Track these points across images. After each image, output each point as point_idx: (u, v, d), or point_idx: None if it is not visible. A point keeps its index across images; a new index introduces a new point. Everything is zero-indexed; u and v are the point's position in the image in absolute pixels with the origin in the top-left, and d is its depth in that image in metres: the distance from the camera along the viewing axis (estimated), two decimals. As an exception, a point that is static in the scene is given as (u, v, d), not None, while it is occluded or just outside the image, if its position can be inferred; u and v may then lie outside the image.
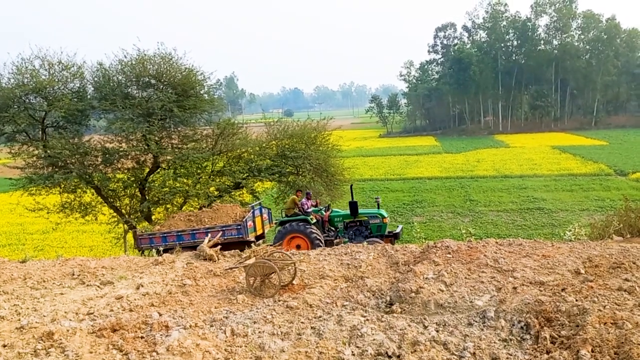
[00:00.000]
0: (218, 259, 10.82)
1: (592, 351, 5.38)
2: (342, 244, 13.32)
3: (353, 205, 15.09)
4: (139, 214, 19.08)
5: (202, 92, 19.98)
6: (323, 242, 14.19)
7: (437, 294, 7.45)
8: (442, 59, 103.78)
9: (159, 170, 19.42)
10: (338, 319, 6.98)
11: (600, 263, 8.15)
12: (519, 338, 6.23)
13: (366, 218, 15.06)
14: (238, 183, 19.34)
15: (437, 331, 6.54)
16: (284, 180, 20.79)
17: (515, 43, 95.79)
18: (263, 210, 16.24)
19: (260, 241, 15.42)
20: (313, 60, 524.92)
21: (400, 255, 10.05)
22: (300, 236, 14.26)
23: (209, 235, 12.81)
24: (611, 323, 5.80)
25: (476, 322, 6.68)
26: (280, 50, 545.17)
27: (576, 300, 6.56)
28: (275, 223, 15.95)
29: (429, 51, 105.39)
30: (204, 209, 17.02)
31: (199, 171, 19.58)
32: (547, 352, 5.72)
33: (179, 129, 19.74)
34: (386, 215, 15.27)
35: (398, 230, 15.66)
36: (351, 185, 16.28)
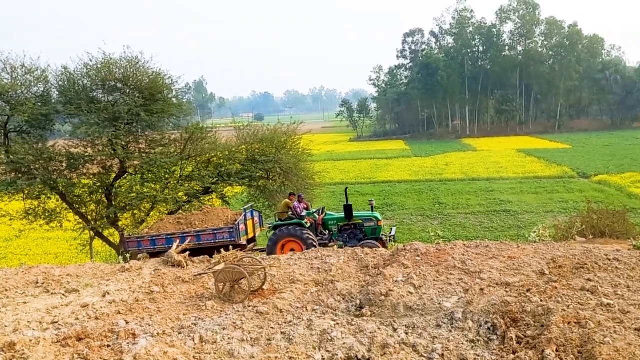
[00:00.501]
0: (187, 265, 10.69)
1: (557, 350, 5.51)
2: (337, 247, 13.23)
3: (348, 209, 14.75)
4: (106, 220, 18.69)
5: (170, 96, 19.72)
6: (317, 245, 13.88)
7: (406, 296, 7.51)
8: (410, 64, 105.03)
9: (126, 175, 19.08)
10: (308, 324, 6.97)
11: (564, 264, 8.37)
12: (486, 339, 6.34)
13: (361, 221, 14.76)
14: (207, 188, 19.15)
15: (407, 333, 6.59)
16: (254, 185, 20.68)
17: (481, 49, 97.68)
18: (254, 213, 16.00)
19: (252, 245, 15.17)
20: (284, 64, 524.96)
21: (370, 258, 10.11)
22: (295, 240, 13.97)
23: (177, 241, 12.63)
24: (575, 323, 5.95)
25: (444, 323, 6.76)
26: (251, 54, 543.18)
27: (541, 301, 6.71)
28: (269, 227, 15.70)
29: (397, 56, 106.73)
30: (193, 212, 16.68)
31: (167, 176, 19.31)
32: (514, 352, 5.83)
33: (146, 133, 19.43)
34: (381, 218, 15.07)
35: (392, 232, 15.49)
36: (346, 189, 16.01)
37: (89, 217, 19.26)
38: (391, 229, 16.11)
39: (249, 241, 15.40)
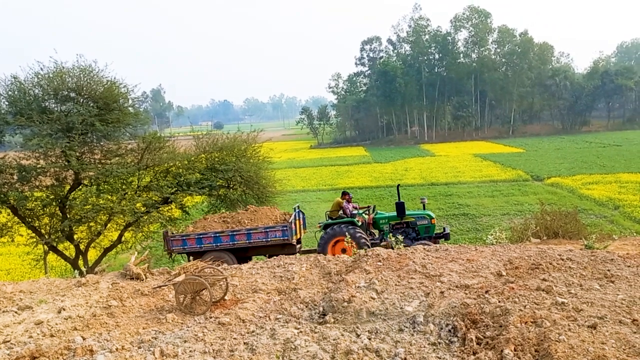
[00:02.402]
0: (146, 278, 10.44)
1: (515, 350, 5.64)
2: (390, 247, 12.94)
3: (400, 206, 14.43)
4: (60, 233, 18.07)
5: (126, 105, 19.29)
6: (370, 245, 13.52)
7: (368, 302, 7.56)
8: (369, 72, 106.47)
9: (80, 187, 18.50)
10: (271, 333, 6.92)
11: (520, 265, 8.60)
12: (447, 341, 6.44)
13: (413, 219, 14.46)
14: (166, 198, 18.79)
15: (370, 339, 6.63)
16: (215, 194, 20.42)
17: (437, 56, 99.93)
18: (301, 214, 15.59)
19: (299, 245, 14.71)
20: (242, 72, 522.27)
21: (332, 265, 10.13)
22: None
23: (136, 253, 12.34)
24: (531, 322, 6.11)
25: (407, 327, 6.83)
26: (209, 62, 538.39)
27: (499, 302, 6.87)
28: (319, 226, 15.32)
29: (356, 64, 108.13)
30: (238, 211, 16.11)
31: (124, 187, 18.83)
32: (474, 353, 5.95)
33: (101, 143, 18.89)
34: (434, 216, 14.69)
35: (446, 230, 15.07)
36: (398, 186, 15.59)
37: (43, 230, 18.58)
38: (444, 227, 15.63)
39: (297, 242, 14.92)
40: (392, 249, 12.64)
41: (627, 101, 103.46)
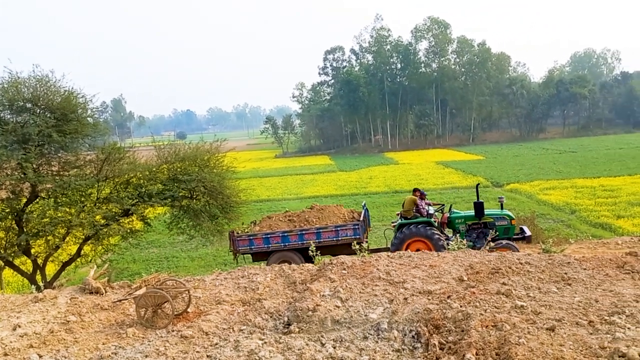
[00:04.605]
0: (105, 292, 10.16)
1: (477, 354, 5.73)
2: (465, 248, 12.51)
3: (479, 206, 13.90)
4: (16, 248, 17.45)
5: (84, 115, 18.82)
6: (447, 247, 12.96)
7: (333, 310, 7.56)
8: (332, 81, 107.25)
9: (37, 199, 17.93)
10: (235, 345, 6.84)
11: (480, 269, 8.76)
12: (411, 347, 6.49)
13: (492, 220, 13.88)
14: (127, 210, 18.38)
15: (334, 347, 6.62)
16: (177, 205, 20.10)
17: (399, 66, 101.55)
18: (367, 212, 15.07)
19: (366, 244, 14.35)
20: (205, 81, 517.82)
21: (297, 274, 10.10)
22: (423, 240, 13.15)
23: (95, 267, 12.01)
24: (492, 326, 6.22)
25: (371, 335, 6.86)
26: (171, 72, 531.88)
27: (461, 306, 6.97)
28: (393, 225, 14.81)
29: (319, 73, 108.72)
30: (304, 209, 15.49)
31: (82, 199, 18.33)
32: (437, 359, 6.01)
33: (59, 155, 18.37)
34: (514, 217, 14.14)
35: (527, 233, 14.45)
36: (477, 185, 15.13)
37: (-3, 245, 17.92)
38: (521, 228, 15.03)
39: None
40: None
41: (581, 109, 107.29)
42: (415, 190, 14.98)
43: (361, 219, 14.01)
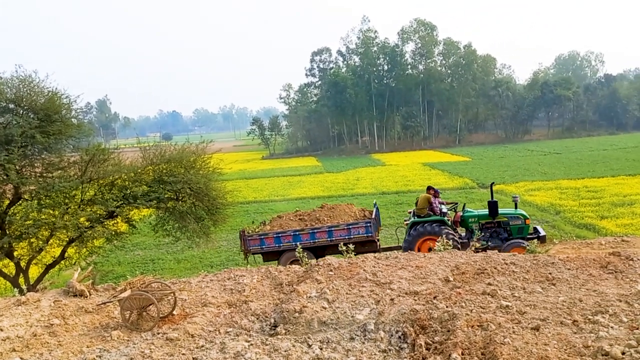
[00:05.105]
0: (90, 295, 10.05)
1: (462, 354, 5.75)
2: (480, 247, 12.25)
3: (493, 205, 13.80)
4: (-1, 250, 17.22)
5: (68, 116, 18.62)
6: (460, 247, 12.91)
7: (320, 311, 7.54)
8: (319, 82, 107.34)
9: (20, 201, 17.70)
10: (221, 347, 6.79)
11: (466, 270, 8.81)
12: (397, 348, 6.50)
13: (506, 219, 13.86)
14: (112, 212, 18.19)
15: (321, 349, 6.61)
16: (163, 207, 19.94)
17: (385, 67, 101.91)
18: (377, 211, 14.95)
19: (379, 242, 14.06)
20: (192, 82, 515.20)
21: (284, 276, 10.08)
22: (436, 239, 13.03)
23: (79, 269, 11.88)
24: (477, 326, 6.25)
25: (357, 336, 6.86)
26: (157, 72, 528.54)
27: (447, 307, 7.00)
28: (406, 223, 14.66)
29: (306, 74, 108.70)
30: (314, 208, 15.26)
31: (66, 201, 18.11)
32: (423, 359, 6.03)
33: (42, 156, 18.16)
34: (528, 217, 14.06)
35: (541, 233, 14.38)
36: (491, 184, 15.01)
37: (-21, 248, 17.64)
38: (535, 228, 14.93)
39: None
40: (485, 250, 12.23)
41: (565, 111, 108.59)
42: (429, 188, 14.99)
43: (373, 217, 13.93)
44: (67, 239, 17.94)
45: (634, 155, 61.42)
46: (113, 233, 18.64)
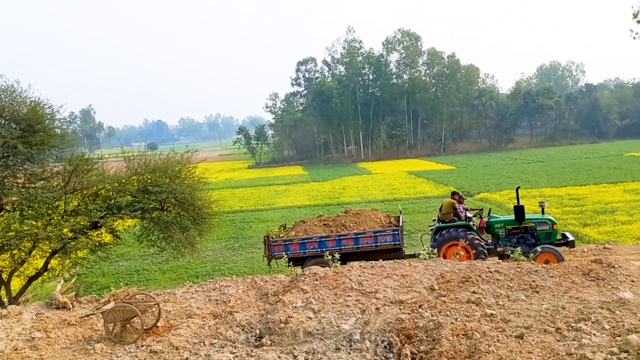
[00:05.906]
0: (73, 307, 9.92)
1: (448, 362, 5.78)
2: (507, 254, 12.23)
3: (519, 210, 13.56)
4: (-21, 262, 16.92)
5: (51, 126, 18.42)
6: (486, 252, 12.71)
7: (305, 322, 7.53)
8: (305, 92, 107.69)
9: (2, 212, 17.43)
10: (206, 359, 6.74)
11: (451, 278, 8.86)
12: (383, 357, 6.50)
13: (533, 224, 13.65)
14: (95, 222, 17.99)
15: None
16: (147, 217, 19.76)
17: (371, 77, 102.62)
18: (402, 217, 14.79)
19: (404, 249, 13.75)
20: (177, 91, 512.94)
21: (269, 286, 10.05)
22: (462, 244, 12.80)
23: (62, 281, 11.72)
24: (462, 334, 6.28)
25: (343, 346, 6.85)
26: (142, 82, 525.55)
27: (432, 316, 7.03)
28: (431, 229, 14.49)
29: (292, 84, 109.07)
30: (339, 214, 14.97)
31: (49, 212, 17.87)
32: (409, 368, 6.04)
33: (25, 166, 17.93)
34: (556, 222, 13.91)
35: (569, 238, 14.18)
36: (517, 188, 14.82)
37: (-41, 260, 17.33)
38: (563, 234, 14.70)
39: None
40: (508, 257, 12.13)
41: (548, 119, 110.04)
42: (453, 193, 14.96)
43: (400, 224, 13.92)
44: (50, 250, 17.68)
45: (615, 163, 62.38)
46: (97, 244, 18.40)
